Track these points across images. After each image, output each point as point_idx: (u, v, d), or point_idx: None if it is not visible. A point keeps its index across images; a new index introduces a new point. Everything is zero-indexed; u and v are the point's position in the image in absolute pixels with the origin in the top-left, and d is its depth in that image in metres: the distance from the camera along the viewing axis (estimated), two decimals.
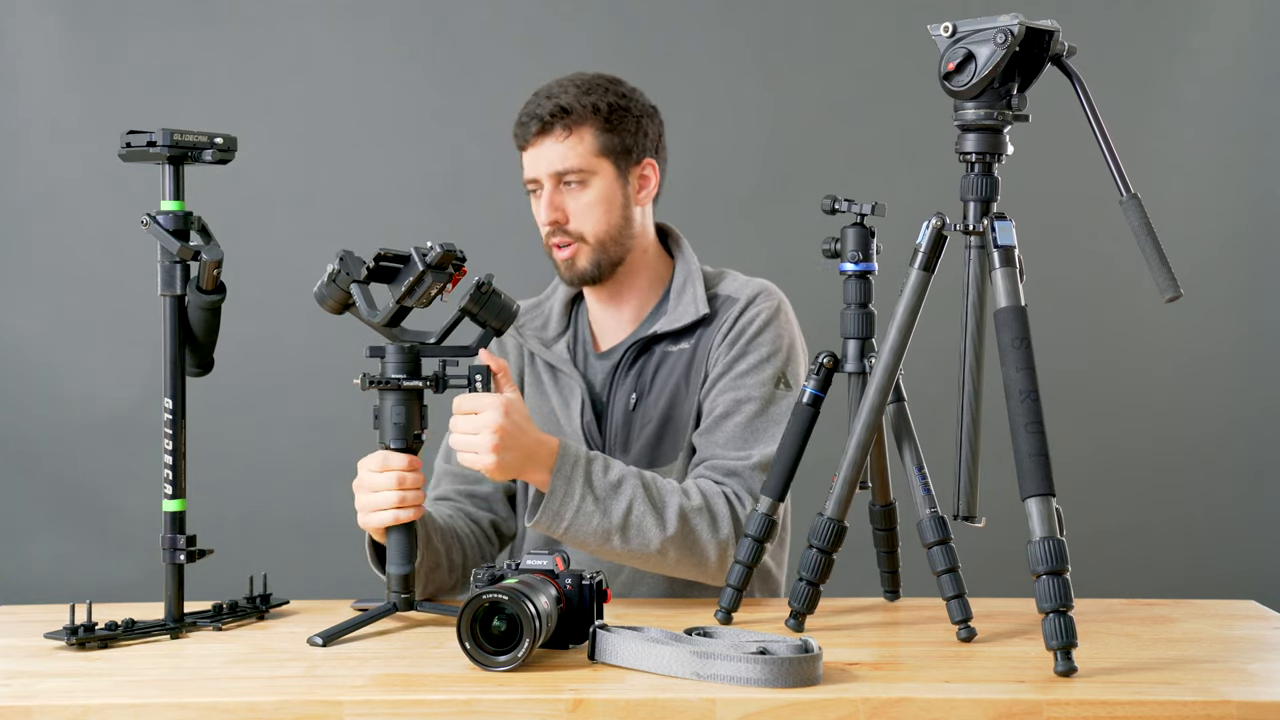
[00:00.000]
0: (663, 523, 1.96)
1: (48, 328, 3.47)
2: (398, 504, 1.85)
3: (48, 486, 3.48)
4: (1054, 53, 1.68)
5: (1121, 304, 3.48)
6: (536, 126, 2.14)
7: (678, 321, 2.18)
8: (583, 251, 2.15)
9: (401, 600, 1.87)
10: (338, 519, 3.42)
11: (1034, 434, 1.60)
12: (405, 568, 1.86)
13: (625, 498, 1.96)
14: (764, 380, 2.12)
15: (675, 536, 1.97)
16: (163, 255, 1.85)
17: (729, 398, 2.12)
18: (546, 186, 2.15)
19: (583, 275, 2.17)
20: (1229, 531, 3.52)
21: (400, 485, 1.85)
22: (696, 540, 1.99)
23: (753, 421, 2.10)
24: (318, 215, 3.49)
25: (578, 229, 2.15)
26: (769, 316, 2.16)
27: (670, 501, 1.98)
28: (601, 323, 2.26)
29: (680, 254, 2.25)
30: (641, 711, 1.45)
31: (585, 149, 2.14)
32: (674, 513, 1.97)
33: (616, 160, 2.16)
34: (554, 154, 2.14)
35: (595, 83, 2.17)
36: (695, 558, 1.99)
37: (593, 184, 2.14)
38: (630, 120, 2.17)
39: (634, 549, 1.97)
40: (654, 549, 1.97)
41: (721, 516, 2.00)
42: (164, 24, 3.48)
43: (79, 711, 1.47)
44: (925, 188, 2.51)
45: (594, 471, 1.95)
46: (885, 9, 3.46)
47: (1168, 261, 1.60)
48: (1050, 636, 1.55)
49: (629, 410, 2.18)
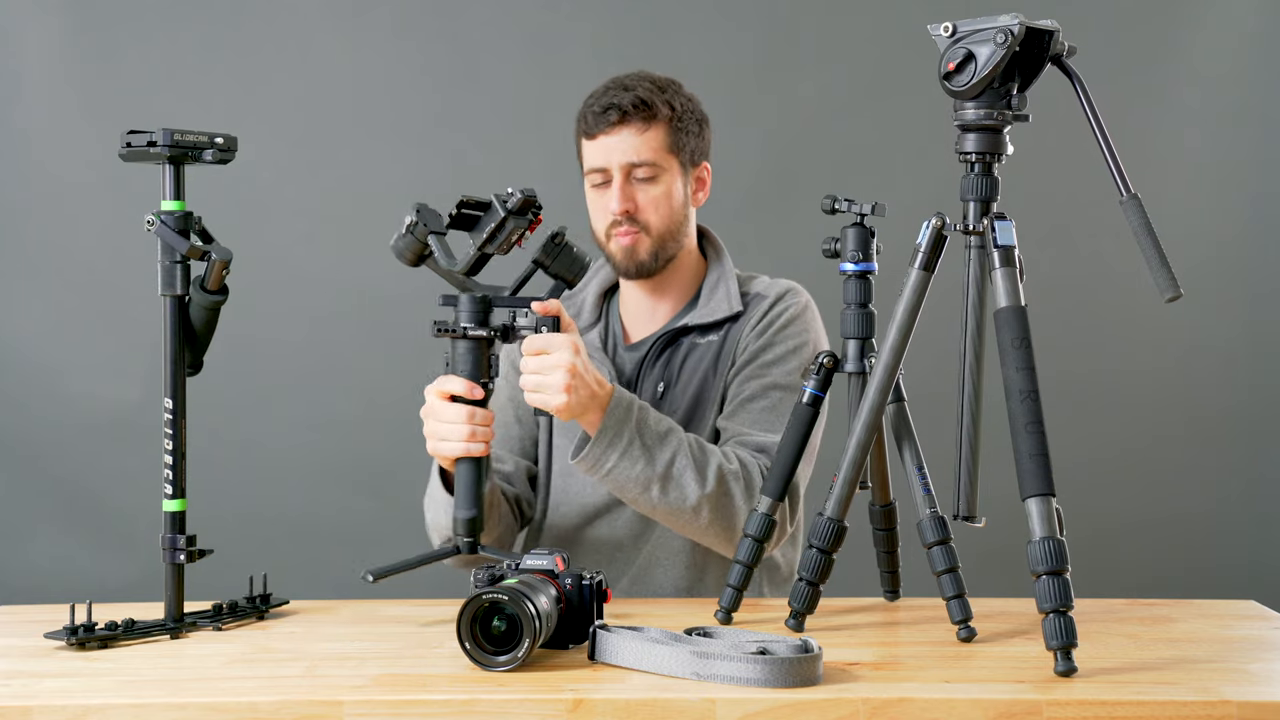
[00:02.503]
0: (703, 479, 2.01)
1: (48, 328, 3.47)
2: (468, 437, 1.88)
3: (48, 486, 3.47)
4: (1054, 53, 1.68)
5: (1121, 304, 3.48)
6: (616, 116, 2.16)
7: (710, 315, 2.23)
8: (643, 242, 2.19)
9: (465, 544, 1.89)
10: (338, 519, 3.46)
11: (1034, 434, 1.60)
12: (470, 510, 1.89)
13: (670, 448, 2.00)
14: (790, 370, 2.17)
15: (712, 495, 2.01)
16: (163, 255, 1.85)
17: (755, 384, 2.17)
18: (617, 178, 2.18)
19: (640, 266, 2.21)
20: (1229, 531, 3.52)
21: (470, 419, 1.89)
22: (731, 502, 2.03)
23: (778, 406, 2.15)
24: (318, 215, 3.49)
25: (645, 220, 2.19)
26: (797, 312, 2.22)
27: (712, 461, 2.03)
28: (635, 316, 2.30)
29: (716, 255, 2.31)
30: (641, 711, 1.45)
31: (659, 144, 2.18)
32: (714, 471, 2.02)
33: (682, 160, 2.21)
34: (629, 145, 2.17)
35: (667, 82, 2.23)
36: (726, 520, 2.03)
37: (662, 179, 2.19)
38: (694, 123, 2.23)
39: (671, 501, 2.01)
40: (690, 504, 2.01)
41: (756, 484, 2.05)
42: (164, 24, 3.48)
43: (79, 711, 1.47)
44: (925, 188, 2.51)
45: (646, 418, 2.00)
46: (885, 9, 3.46)
47: (1168, 261, 1.60)
48: (1050, 636, 1.55)
49: (657, 399, 2.22)
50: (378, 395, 3.43)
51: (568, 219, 2.26)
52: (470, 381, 1.89)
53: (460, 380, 1.89)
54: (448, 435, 1.90)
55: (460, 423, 1.89)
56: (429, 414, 1.92)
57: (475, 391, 1.89)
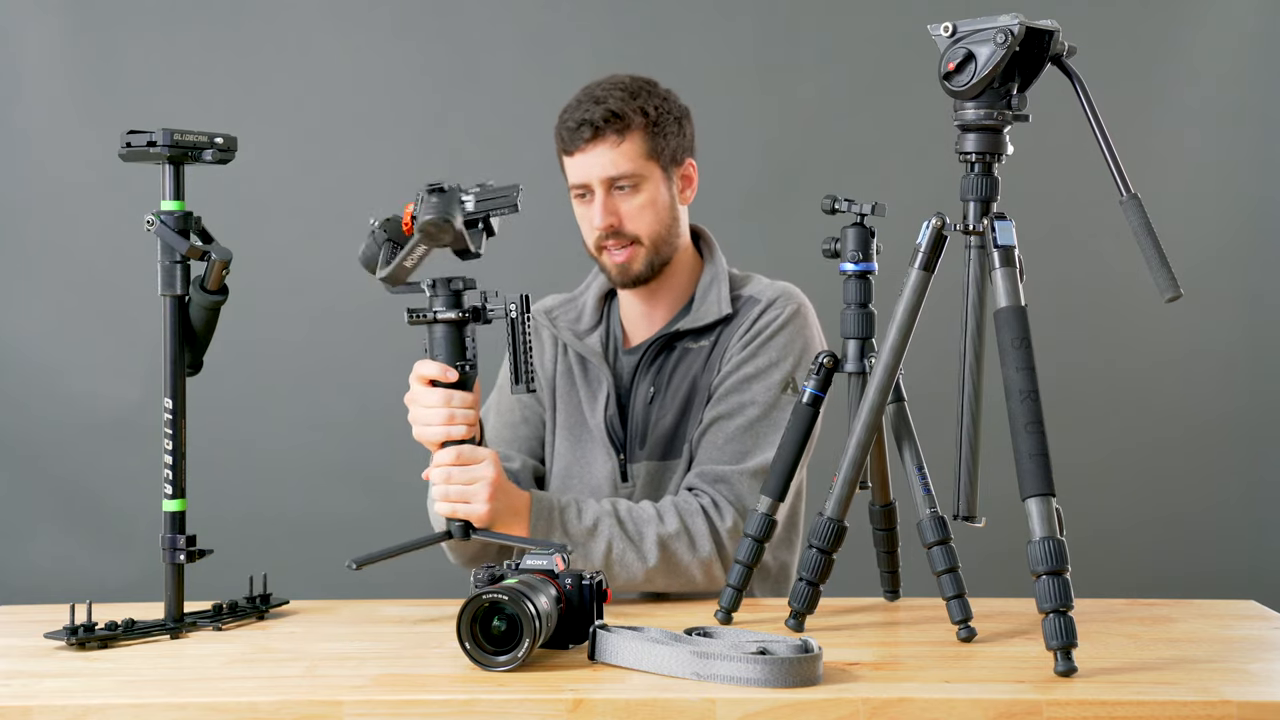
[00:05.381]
0: (642, 555, 2.03)
1: (48, 328, 3.47)
2: (447, 420, 1.90)
3: (48, 486, 3.47)
4: (1054, 53, 1.68)
5: (1121, 304, 3.48)
6: (589, 132, 2.15)
7: (701, 320, 2.22)
8: (639, 255, 2.19)
9: (457, 527, 1.90)
10: (338, 519, 3.46)
11: (1034, 434, 1.60)
12: None
13: (603, 539, 2.03)
14: (770, 385, 2.15)
15: (658, 565, 2.04)
16: (163, 255, 1.85)
17: (733, 399, 2.15)
18: (599, 192, 2.17)
19: (637, 278, 2.21)
20: (1229, 531, 3.52)
21: (448, 403, 1.90)
22: (678, 564, 2.05)
23: (753, 426, 2.13)
24: (318, 215, 3.49)
25: (633, 231, 2.18)
26: (787, 319, 2.19)
27: (647, 533, 2.04)
28: (634, 320, 2.30)
29: (710, 255, 2.29)
30: (641, 711, 1.45)
31: (636, 153, 2.16)
32: (652, 543, 2.04)
33: (663, 163, 2.19)
34: (606, 160, 2.15)
35: (639, 87, 2.19)
36: (681, 579, 2.06)
37: (644, 188, 2.18)
38: (673, 123, 2.21)
39: (621, 582, 2.04)
40: (640, 579, 2.04)
41: (699, 535, 2.05)
42: (164, 24, 3.47)
43: (79, 711, 1.47)
44: (925, 188, 2.51)
45: (569, 520, 2.02)
46: (885, 9, 3.45)
47: (1168, 261, 1.60)
48: (1050, 636, 1.55)
49: (648, 404, 2.21)
50: (378, 395, 3.41)
51: (567, 218, 2.26)
52: (444, 365, 1.89)
53: (434, 364, 1.90)
54: (429, 420, 1.91)
55: (439, 407, 1.90)
56: (411, 401, 1.93)
57: (449, 374, 1.89)
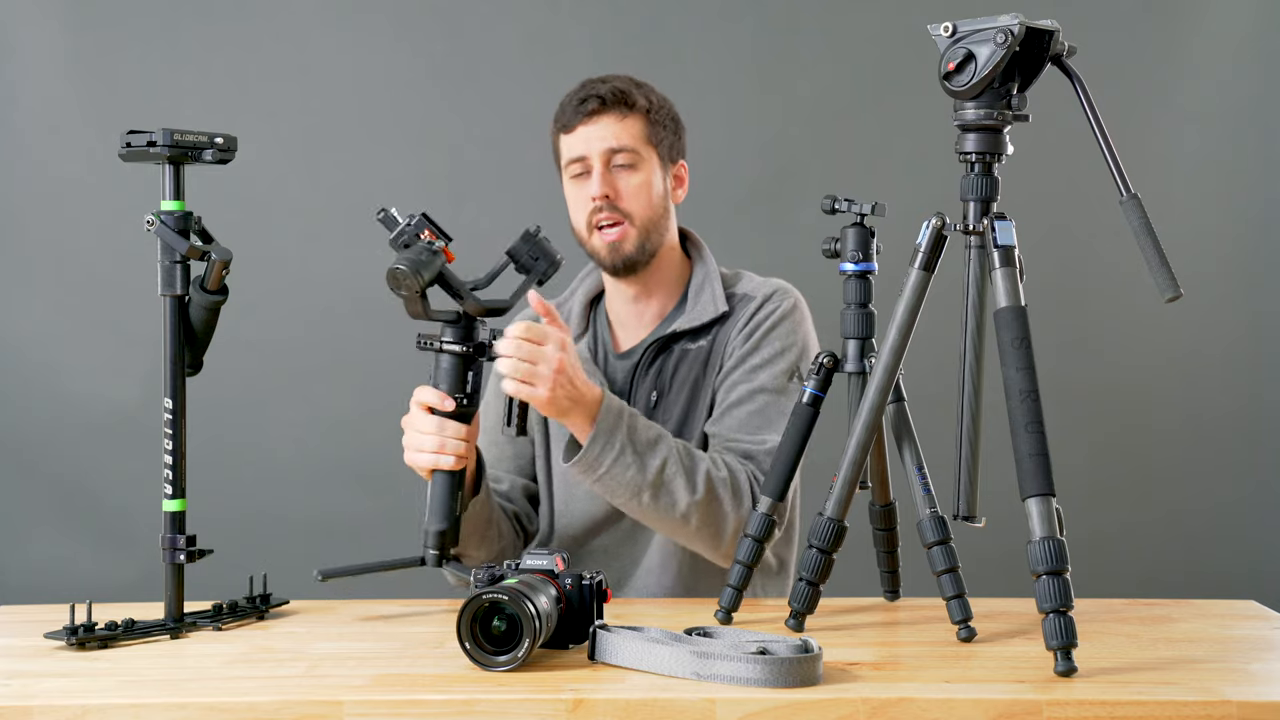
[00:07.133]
0: (692, 486, 2.01)
1: (48, 328, 3.47)
2: (437, 448, 1.90)
3: (48, 486, 3.47)
4: (1054, 53, 1.68)
5: (1121, 304, 3.48)
6: (595, 104, 2.18)
7: (697, 319, 2.22)
8: (630, 234, 2.19)
9: (432, 556, 1.90)
10: (338, 519, 3.46)
11: (1034, 434, 1.60)
12: (440, 523, 1.90)
13: (661, 455, 2.01)
14: (777, 373, 2.16)
15: (701, 501, 2.02)
16: (163, 255, 1.85)
17: (743, 388, 2.16)
18: (597, 165, 2.18)
19: (626, 259, 2.20)
20: (1229, 531, 3.52)
21: (441, 431, 1.90)
22: (720, 509, 2.03)
23: (765, 410, 2.14)
24: (318, 215, 3.49)
25: (627, 208, 2.18)
26: (784, 313, 2.21)
27: (700, 467, 2.03)
28: (623, 323, 2.29)
29: (699, 256, 2.30)
30: (641, 711, 1.45)
31: (637, 134, 2.19)
32: (703, 478, 2.02)
33: (660, 152, 2.22)
34: (608, 132, 2.18)
35: (642, 81, 2.24)
36: (714, 527, 2.04)
37: (641, 169, 2.19)
38: (669, 120, 2.24)
39: (661, 507, 2.01)
40: (680, 510, 2.02)
41: (744, 491, 2.05)
42: (164, 24, 3.48)
43: (79, 711, 1.47)
44: (925, 188, 2.51)
45: (637, 425, 2.01)
46: (885, 9, 3.45)
47: (1168, 261, 1.60)
48: (1050, 636, 1.55)
49: (650, 408, 2.21)
50: (378, 395, 3.40)
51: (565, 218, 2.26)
52: (442, 393, 1.90)
53: (433, 391, 1.91)
54: (420, 445, 1.91)
55: (431, 433, 1.90)
56: (407, 424, 1.94)
57: (446, 403, 1.90)
